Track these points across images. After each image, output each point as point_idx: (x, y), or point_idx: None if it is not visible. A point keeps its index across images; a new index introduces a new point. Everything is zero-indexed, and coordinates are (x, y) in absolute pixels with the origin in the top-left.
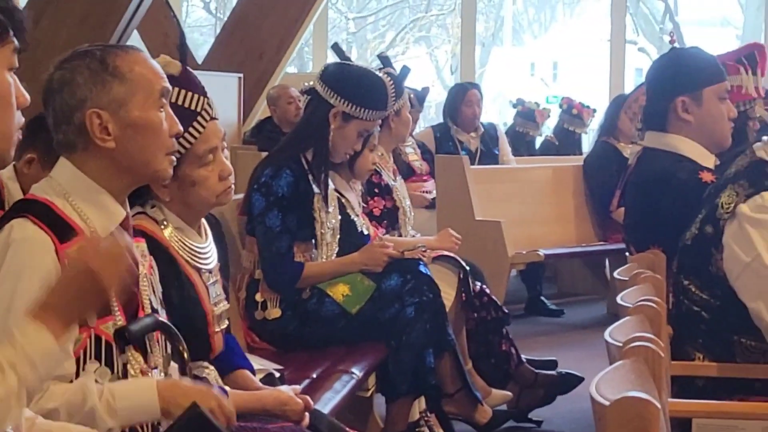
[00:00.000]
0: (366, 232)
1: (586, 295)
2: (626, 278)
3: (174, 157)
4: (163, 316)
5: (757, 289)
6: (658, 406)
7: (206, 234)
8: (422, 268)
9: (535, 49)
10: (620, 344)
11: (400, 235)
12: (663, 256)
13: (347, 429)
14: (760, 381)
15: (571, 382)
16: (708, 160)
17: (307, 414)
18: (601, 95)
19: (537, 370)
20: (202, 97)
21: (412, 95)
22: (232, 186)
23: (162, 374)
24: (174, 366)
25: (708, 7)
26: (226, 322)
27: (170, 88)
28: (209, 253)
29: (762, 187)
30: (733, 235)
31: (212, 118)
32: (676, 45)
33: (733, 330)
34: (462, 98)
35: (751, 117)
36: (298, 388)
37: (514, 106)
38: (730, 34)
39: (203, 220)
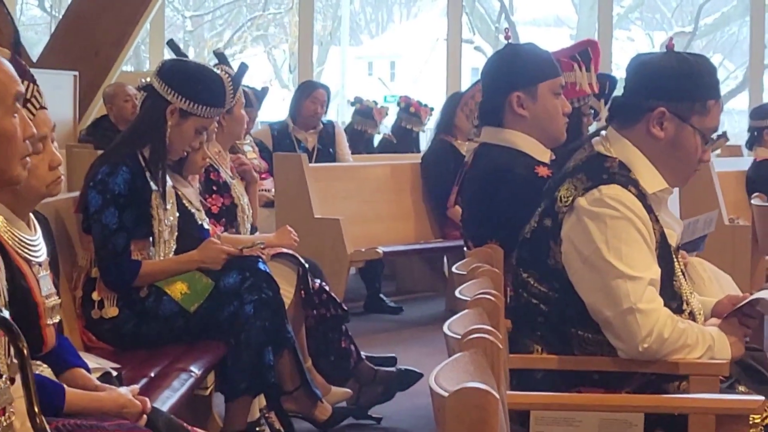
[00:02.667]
0: (206, 227)
1: (425, 292)
2: (464, 272)
3: (28, 159)
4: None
5: (595, 282)
6: (497, 396)
7: (35, 227)
8: (261, 266)
9: (372, 48)
10: (459, 336)
11: (239, 233)
12: (500, 250)
13: (185, 426)
14: (597, 372)
15: (410, 378)
16: (543, 155)
17: (144, 416)
18: (438, 94)
19: (376, 367)
20: (31, 84)
21: (251, 93)
22: (62, 176)
23: (8, 380)
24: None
25: (542, 7)
26: (58, 317)
27: (23, 91)
28: (39, 246)
29: (600, 181)
30: (571, 228)
31: (41, 107)
32: (512, 41)
33: (571, 323)
34: (308, 95)
35: (585, 113)
36: (137, 388)
37: (353, 104)
38: (564, 34)
39: (31, 214)
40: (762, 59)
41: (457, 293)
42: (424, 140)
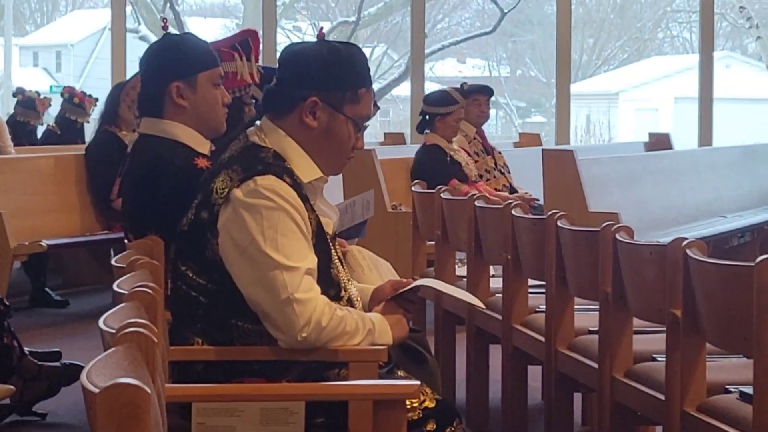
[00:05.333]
0: None
1: (92, 285)
2: (123, 265)
3: None
4: None
5: (252, 274)
6: (149, 391)
7: None
8: None
9: (38, 38)
10: (113, 331)
11: None
12: (161, 242)
13: None
14: (258, 363)
15: (75, 372)
16: (203, 145)
17: None
18: (104, 84)
19: (40, 362)
20: None
21: None
22: None
23: None
24: None
25: None
26: None
27: None
28: None
29: (255, 172)
30: (228, 220)
31: None
32: (171, 31)
33: (230, 314)
34: None
35: (247, 103)
36: None
37: (15, 95)
38: (230, 24)
39: None
40: (423, 48)
41: (114, 287)
42: (90, 131)
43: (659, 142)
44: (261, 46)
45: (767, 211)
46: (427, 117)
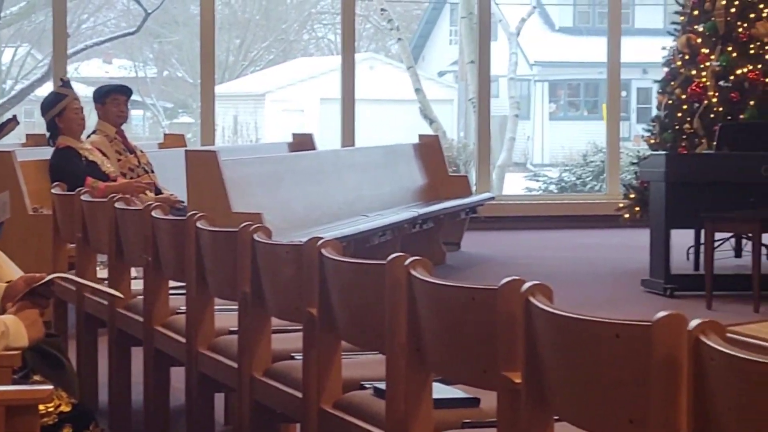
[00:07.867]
0: None
1: None
2: None
3: None
4: None
5: None
6: None
7: None
8: None
9: None
10: None
11: None
12: None
13: None
14: None
15: None
16: None
17: None
18: None
19: None
20: None
21: None
22: None
23: None
24: None
25: None
26: None
27: None
28: None
29: None
30: None
31: None
32: None
33: None
34: None
35: None
36: None
37: None
38: None
39: None
40: (65, 48)
41: None
42: None
43: (302, 142)
44: None
45: (407, 210)
46: (53, 127)
